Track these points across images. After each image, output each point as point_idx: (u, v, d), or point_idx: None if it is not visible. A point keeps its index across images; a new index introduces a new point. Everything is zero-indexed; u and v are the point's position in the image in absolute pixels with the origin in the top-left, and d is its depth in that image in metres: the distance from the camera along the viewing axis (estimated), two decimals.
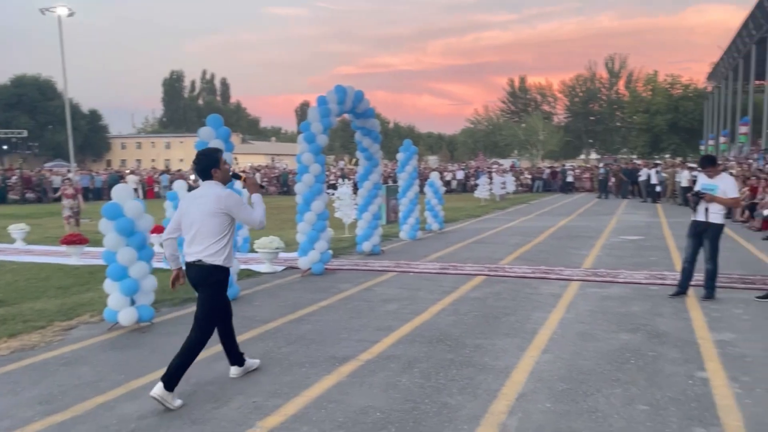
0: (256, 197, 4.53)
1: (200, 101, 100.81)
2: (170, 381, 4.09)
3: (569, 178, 35.33)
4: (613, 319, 6.15)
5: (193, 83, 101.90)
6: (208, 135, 7.14)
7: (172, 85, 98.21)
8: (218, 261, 4.24)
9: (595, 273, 8.69)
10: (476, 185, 26.55)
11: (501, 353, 5.10)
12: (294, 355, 5.15)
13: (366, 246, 10.82)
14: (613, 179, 30.52)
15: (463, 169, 39.14)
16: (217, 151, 4.47)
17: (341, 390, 4.34)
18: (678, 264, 8.80)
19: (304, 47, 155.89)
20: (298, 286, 8.25)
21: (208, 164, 4.35)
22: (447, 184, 33.00)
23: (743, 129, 37.33)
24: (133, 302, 5.96)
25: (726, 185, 6.91)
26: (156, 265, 6.49)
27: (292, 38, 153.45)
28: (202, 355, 5.14)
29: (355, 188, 14.12)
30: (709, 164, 7.10)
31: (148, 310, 6.05)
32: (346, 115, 10.20)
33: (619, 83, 71.31)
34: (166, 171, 39.84)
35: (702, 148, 51.03)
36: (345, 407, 4.02)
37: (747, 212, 15.03)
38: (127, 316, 5.86)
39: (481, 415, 3.84)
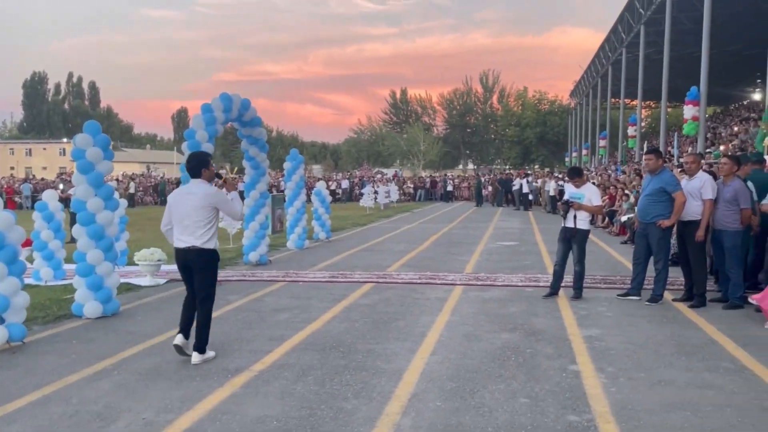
0: (234, 194, 5.40)
1: (66, 105, 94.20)
2: (201, 345, 5.14)
3: (449, 188, 36.78)
4: (495, 320, 6.54)
5: (57, 86, 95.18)
6: (85, 142, 6.75)
7: (34, 87, 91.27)
8: (211, 245, 5.16)
9: (476, 277, 9.16)
10: (361, 194, 26.96)
11: (393, 357, 5.27)
12: (184, 369, 5.01)
13: (253, 256, 10.67)
14: (490, 188, 32.17)
15: (348, 179, 39.53)
16: (207, 154, 5.50)
17: (236, 401, 4.29)
18: (550, 267, 9.48)
19: (181, 52, 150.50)
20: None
21: (199, 164, 5.20)
22: (333, 193, 33.16)
23: (602, 142, 40.80)
24: (2, 320, 5.51)
25: (591, 194, 7.58)
26: (26, 280, 6.05)
27: (169, 42, 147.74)
28: (81, 374, 4.90)
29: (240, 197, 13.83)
30: (576, 175, 7.77)
31: (19, 329, 5.61)
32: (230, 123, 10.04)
33: (492, 98, 75.24)
34: (28, 180, 36.83)
35: (567, 159, 55.10)
36: (240, 418, 3.99)
37: (607, 219, 16.46)
38: None
39: (376, 417, 3.97)
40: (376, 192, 27.88)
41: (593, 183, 11.63)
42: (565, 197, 7.71)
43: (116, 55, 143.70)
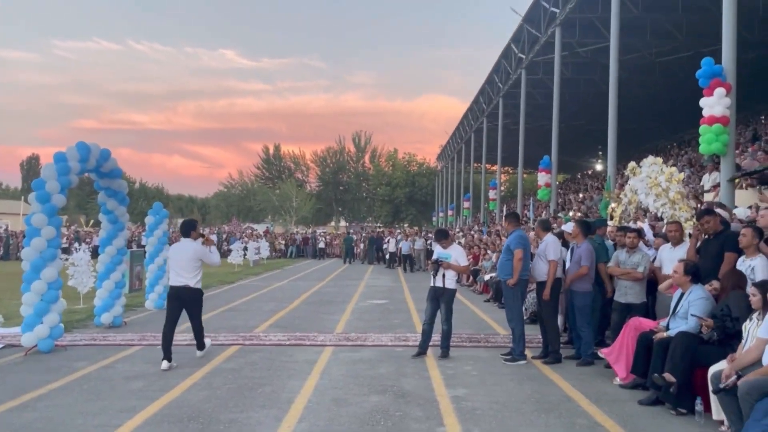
0: (213, 248, 7.61)
1: None
2: (201, 344, 7.51)
3: (321, 244, 36.70)
4: (364, 382, 6.43)
5: None
6: None
7: None
8: (199, 285, 7.30)
9: (346, 337, 9.04)
10: (230, 250, 26.07)
11: (257, 426, 4.97)
12: None
13: (106, 318, 9.82)
14: (362, 245, 32.51)
15: (216, 234, 38.22)
16: (195, 221, 7.83)
17: None
18: (418, 326, 9.59)
19: (34, 95, 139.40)
20: (20, 366, 7.13)
21: (190, 228, 7.50)
22: None
23: (466, 204, 43.02)
24: None
25: (457, 255, 7.86)
26: None
27: (20, 84, 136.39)
28: None
29: (94, 253, 12.90)
30: (443, 237, 8.04)
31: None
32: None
33: (365, 157, 77.30)
34: None
35: (434, 219, 57.36)
36: None
37: (471, 277, 17.13)
38: None
39: None
40: (245, 248, 27.13)
41: (459, 243, 12.13)
42: (434, 257, 7.92)
43: None
